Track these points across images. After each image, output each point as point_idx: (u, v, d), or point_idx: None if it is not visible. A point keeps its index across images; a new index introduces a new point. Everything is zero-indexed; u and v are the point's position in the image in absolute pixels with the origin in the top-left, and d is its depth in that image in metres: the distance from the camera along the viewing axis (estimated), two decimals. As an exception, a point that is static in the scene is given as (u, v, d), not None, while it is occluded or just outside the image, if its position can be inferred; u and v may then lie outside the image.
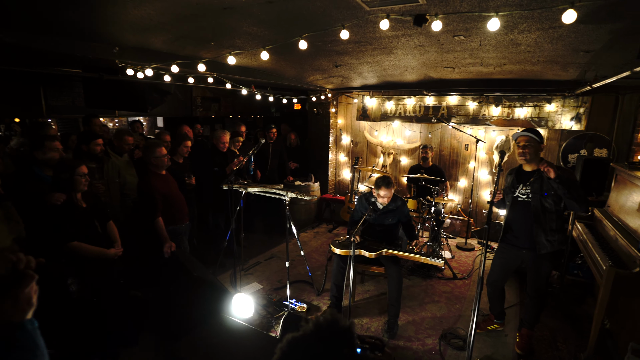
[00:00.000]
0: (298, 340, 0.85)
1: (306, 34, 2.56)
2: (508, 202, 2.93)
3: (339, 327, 0.86)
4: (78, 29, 2.74)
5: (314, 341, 0.84)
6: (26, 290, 0.87)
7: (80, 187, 2.56)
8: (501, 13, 1.91)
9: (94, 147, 3.45)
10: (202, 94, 7.18)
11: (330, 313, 0.90)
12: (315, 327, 0.86)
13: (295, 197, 3.28)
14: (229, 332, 2.57)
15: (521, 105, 5.17)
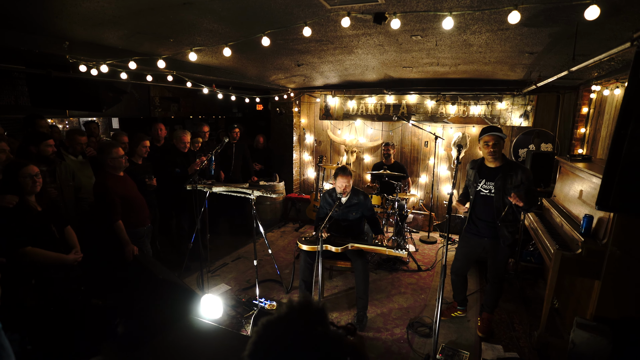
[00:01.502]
0: (272, 322, 0.87)
1: (269, 31, 2.57)
2: (471, 195, 3.09)
3: (312, 308, 0.88)
4: (21, 20, 2.56)
5: (288, 322, 0.86)
6: None
7: (29, 189, 2.39)
8: (454, 13, 2.03)
9: (45, 149, 3.24)
10: (160, 93, 6.92)
11: (303, 295, 0.93)
12: (288, 309, 0.88)
13: (261, 195, 3.26)
14: (198, 333, 2.50)
15: (475, 103, 5.47)
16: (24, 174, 2.34)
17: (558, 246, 2.75)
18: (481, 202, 3.04)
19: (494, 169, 2.98)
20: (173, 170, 4.37)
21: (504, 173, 2.90)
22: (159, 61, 2.93)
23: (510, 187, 2.85)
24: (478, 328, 3.19)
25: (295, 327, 0.84)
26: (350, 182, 3.44)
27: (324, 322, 0.88)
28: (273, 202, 5.93)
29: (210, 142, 5.67)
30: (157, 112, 7.01)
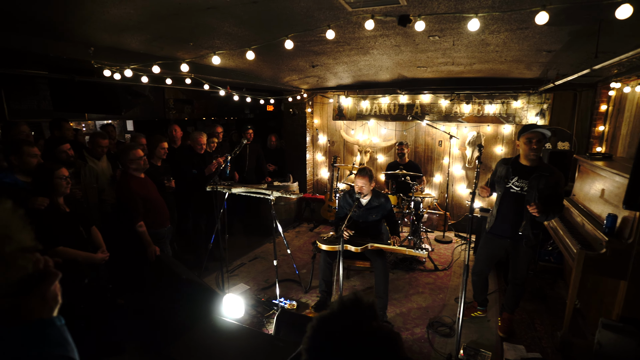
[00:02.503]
0: (326, 317, 0.91)
1: (292, 34, 2.60)
2: (500, 191, 3.07)
3: (363, 304, 0.92)
4: (50, 27, 2.63)
5: (342, 317, 0.89)
6: (52, 287, 0.88)
7: (61, 191, 2.46)
8: (481, 14, 2.03)
9: (59, 154, 3.32)
10: (174, 96, 7.03)
11: (353, 292, 0.96)
12: (340, 306, 0.92)
13: (280, 195, 3.29)
14: (222, 332, 2.55)
15: (490, 102, 5.44)
16: (59, 175, 2.42)
17: (580, 246, 2.73)
18: (509, 200, 2.99)
19: (529, 167, 2.93)
20: (190, 172, 4.43)
21: (540, 173, 2.85)
22: (182, 65, 2.98)
23: (544, 188, 2.81)
24: (499, 328, 3.18)
25: (350, 322, 0.88)
26: (367, 183, 3.45)
27: (377, 317, 0.92)
28: (287, 202, 5.97)
29: (223, 143, 5.73)
30: (171, 114, 7.11)
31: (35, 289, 0.86)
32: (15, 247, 0.77)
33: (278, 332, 2.59)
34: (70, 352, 0.89)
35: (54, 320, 0.87)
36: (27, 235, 0.82)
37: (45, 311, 0.86)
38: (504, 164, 3.12)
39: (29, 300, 0.85)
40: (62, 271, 0.95)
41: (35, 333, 0.84)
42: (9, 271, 0.77)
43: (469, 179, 5.98)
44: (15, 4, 2.21)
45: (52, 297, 0.88)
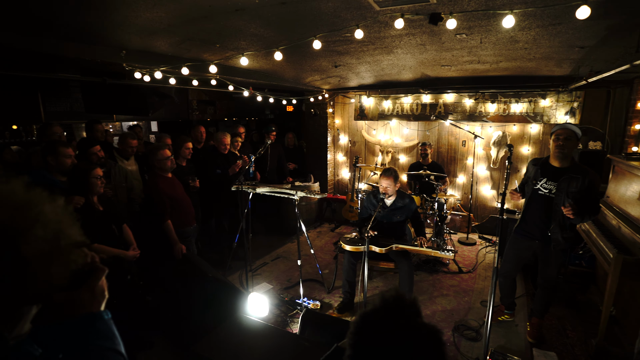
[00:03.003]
0: (369, 314, 0.91)
1: (320, 34, 2.60)
2: (528, 193, 2.98)
3: (405, 300, 0.92)
4: (86, 32, 2.73)
5: (385, 313, 0.90)
6: (99, 282, 0.91)
7: (96, 190, 2.56)
8: (516, 10, 1.98)
9: (90, 155, 3.42)
10: (198, 97, 7.16)
11: (395, 289, 0.96)
12: (383, 302, 0.92)
13: (304, 195, 3.30)
14: (248, 330, 2.57)
15: (517, 101, 5.29)
16: (94, 175, 2.51)
17: (617, 250, 2.62)
18: (538, 202, 2.90)
19: (559, 169, 2.82)
20: (214, 171, 4.50)
21: (570, 175, 2.73)
22: (210, 66, 3.03)
23: (575, 190, 2.69)
24: (528, 333, 3.09)
25: (393, 318, 0.88)
26: (392, 183, 3.42)
27: (420, 314, 0.92)
28: (308, 202, 5.98)
29: (244, 143, 5.80)
30: (194, 115, 7.25)
31: (85, 284, 0.89)
32: (68, 242, 0.80)
33: (303, 331, 2.60)
34: (117, 345, 0.92)
35: (102, 314, 0.90)
36: (76, 230, 0.85)
37: (95, 305, 0.89)
38: (533, 164, 3.03)
39: (80, 294, 0.88)
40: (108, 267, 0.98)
41: (85, 326, 0.87)
42: (64, 265, 0.79)
43: (493, 180, 5.84)
44: (54, 11, 2.30)
45: (100, 292, 0.91)
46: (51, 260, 0.75)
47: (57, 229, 0.77)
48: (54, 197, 0.81)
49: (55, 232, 0.76)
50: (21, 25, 2.53)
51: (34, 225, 0.73)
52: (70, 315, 0.87)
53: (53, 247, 0.76)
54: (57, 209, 0.80)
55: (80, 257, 0.84)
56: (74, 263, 0.82)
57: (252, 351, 2.39)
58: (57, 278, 0.78)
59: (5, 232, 0.69)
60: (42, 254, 0.73)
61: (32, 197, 0.76)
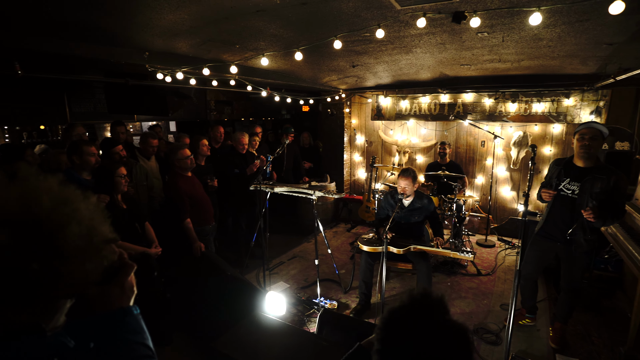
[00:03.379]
0: (397, 310, 0.92)
1: (341, 34, 2.60)
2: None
3: (433, 298, 0.93)
4: (111, 35, 2.80)
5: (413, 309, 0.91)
6: (129, 278, 0.94)
7: (120, 188, 2.62)
8: (543, 7, 1.93)
9: (113, 155, 3.50)
10: (216, 97, 7.25)
11: (422, 287, 0.97)
12: (411, 299, 0.93)
13: (322, 195, 3.31)
14: (266, 328, 2.59)
15: (538, 100, 5.17)
16: (119, 174, 2.58)
17: (647, 254, 2.53)
18: (560, 203, 2.83)
19: (583, 169, 2.73)
20: (232, 171, 4.55)
21: (594, 175, 2.64)
22: (231, 67, 3.07)
23: (599, 191, 2.60)
24: (550, 339, 3.01)
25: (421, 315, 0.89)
26: (410, 183, 3.39)
27: (448, 311, 0.92)
28: (324, 202, 5.99)
29: (261, 142, 5.83)
30: (212, 115, 7.35)
31: (115, 279, 0.91)
32: (100, 239, 0.82)
33: (321, 331, 2.60)
34: (146, 339, 0.94)
35: (132, 309, 0.92)
36: (107, 228, 0.87)
37: (124, 300, 0.92)
38: (556, 165, 2.94)
39: (110, 289, 0.90)
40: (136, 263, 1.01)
41: (116, 320, 0.89)
42: (97, 261, 0.81)
43: (513, 181, 5.72)
44: (83, 15, 2.36)
45: (129, 287, 0.94)
46: (86, 256, 0.77)
47: (91, 226, 0.79)
48: (87, 195, 0.83)
49: (89, 229, 0.78)
50: (51, 30, 2.61)
51: (70, 222, 0.75)
52: (101, 309, 0.89)
53: (87, 244, 0.77)
54: (90, 207, 0.82)
55: (111, 253, 0.86)
56: (105, 259, 0.84)
57: (271, 349, 2.41)
58: (91, 274, 0.80)
59: (45, 228, 0.71)
60: (78, 250, 0.75)
61: (67, 195, 0.78)
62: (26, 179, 0.75)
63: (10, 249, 0.66)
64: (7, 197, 0.70)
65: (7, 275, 0.67)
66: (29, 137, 5.78)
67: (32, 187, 0.74)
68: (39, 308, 0.75)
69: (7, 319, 0.70)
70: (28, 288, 0.70)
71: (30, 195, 0.72)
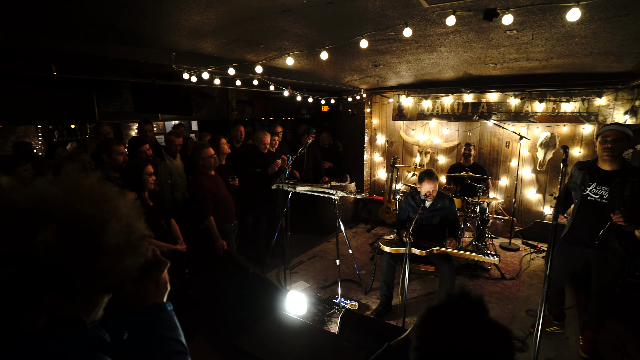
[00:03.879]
0: (436, 308, 0.91)
1: (367, 33, 2.58)
2: (576, 199, 2.81)
3: (471, 296, 0.91)
4: (141, 36, 2.87)
5: (451, 308, 0.91)
6: (162, 274, 0.95)
7: (147, 186, 2.68)
8: (582, 2, 1.86)
9: (140, 154, 3.58)
10: (237, 97, 7.33)
11: (460, 286, 0.96)
12: (448, 297, 0.92)
13: (343, 195, 3.30)
14: (288, 327, 2.60)
15: (568, 100, 4.99)
16: (146, 172, 2.64)
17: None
18: (588, 209, 2.73)
19: (610, 172, 2.64)
20: (254, 170, 4.58)
21: (623, 178, 2.54)
22: (256, 67, 3.10)
23: (630, 195, 2.49)
24: (581, 348, 2.90)
25: (461, 314, 0.87)
26: (436, 187, 3.35)
27: (488, 311, 0.90)
28: (344, 202, 5.97)
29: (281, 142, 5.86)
30: (233, 115, 7.44)
31: (150, 276, 0.93)
32: (137, 235, 0.83)
33: (342, 331, 2.59)
34: (179, 335, 0.95)
35: (166, 305, 0.93)
36: (142, 224, 0.88)
37: (159, 296, 0.93)
38: (579, 169, 2.84)
39: (145, 285, 0.92)
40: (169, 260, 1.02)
41: (151, 317, 0.90)
42: (135, 258, 0.82)
43: (539, 183, 5.55)
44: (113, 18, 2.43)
45: (163, 284, 0.95)
46: (125, 253, 0.78)
47: (129, 223, 0.80)
48: (124, 192, 0.84)
49: (127, 226, 0.79)
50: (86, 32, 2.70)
51: (110, 219, 0.76)
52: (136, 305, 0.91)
53: (126, 241, 0.78)
54: (128, 204, 0.83)
55: (147, 250, 0.87)
56: (142, 256, 0.85)
57: (293, 348, 2.41)
58: (130, 270, 0.81)
59: (88, 225, 0.72)
60: (118, 247, 0.76)
61: (107, 192, 0.79)
62: (69, 176, 0.76)
63: (57, 246, 0.68)
64: (54, 193, 0.71)
65: (54, 270, 0.68)
66: (60, 135, 6.01)
67: (75, 184, 0.75)
68: (81, 302, 0.77)
69: (53, 312, 0.72)
70: (72, 283, 0.71)
71: (75, 192, 0.73)
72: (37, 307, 0.69)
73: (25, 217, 0.66)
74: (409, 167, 5.72)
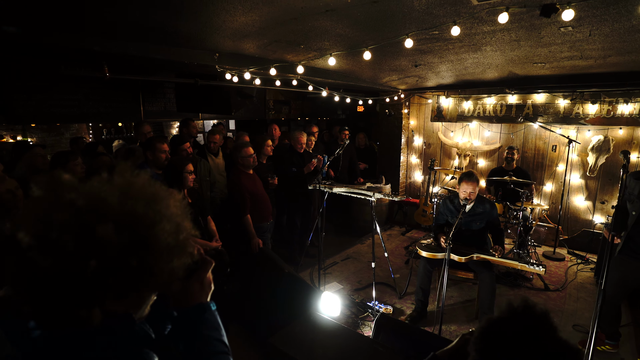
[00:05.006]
0: (499, 321, 0.89)
1: (412, 32, 2.52)
2: (633, 211, 2.61)
3: (536, 311, 0.86)
4: (186, 38, 2.96)
5: (514, 322, 0.87)
6: (207, 274, 0.96)
7: (187, 183, 2.76)
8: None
9: (180, 152, 3.69)
10: (274, 97, 7.43)
11: (524, 299, 0.91)
12: (510, 310, 0.88)
13: (381, 197, 3.25)
14: (322, 328, 2.59)
15: (625, 101, 4.64)
16: (187, 170, 2.73)
17: None
18: None
19: None
20: (290, 169, 4.62)
21: None
22: (298, 67, 3.12)
23: None
24: (637, 369, 2.69)
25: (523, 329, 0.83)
26: (476, 189, 3.22)
27: (557, 329, 0.85)
28: (379, 204, 5.89)
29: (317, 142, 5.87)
30: (270, 115, 7.54)
31: (195, 275, 0.93)
32: (185, 235, 0.82)
33: (377, 335, 2.54)
34: (222, 336, 0.95)
35: (210, 305, 0.94)
36: (189, 224, 0.88)
37: (203, 296, 0.94)
38: (635, 178, 2.63)
39: (191, 285, 0.92)
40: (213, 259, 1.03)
41: (196, 316, 0.91)
42: (183, 257, 0.81)
43: (589, 190, 5.20)
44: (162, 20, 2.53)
45: (208, 284, 0.96)
46: (174, 253, 0.78)
47: (178, 223, 0.80)
48: (173, 192, 0.84)
49: (177, 226, 0.79)
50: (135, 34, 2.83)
51: (162, 219, 0.76)
52: (182, 304, 0.92)
53: (176, 241, 0.78)
54: (177, 203, 0.83)
55: (194, 249, 0.87)
56: (190, 255, 0.84)
57: (326, 350, 2.40)
58: (178, 270, 0.81)
59: (141, 224, 0.72)
60: (168, 247, 0.76)
61: (158, 191, 0.79)
62: (123, 175, 0.77)
63: (114, 245, 0.68)
64: (109, 193, 0.72)
65: (110, 269, 0.69)
66: (108, 133, 6.37)
67: (128, 184, 0.75)
68: (131, 300, 0.78)
69: (106, 309, 0.73)
70: (125, 282, 0.72)
71: (128, 192, 0.74)
72: (92, 303, 0.70)
73: (82, 217, 0.67)
74: (447, 170, 5.55)
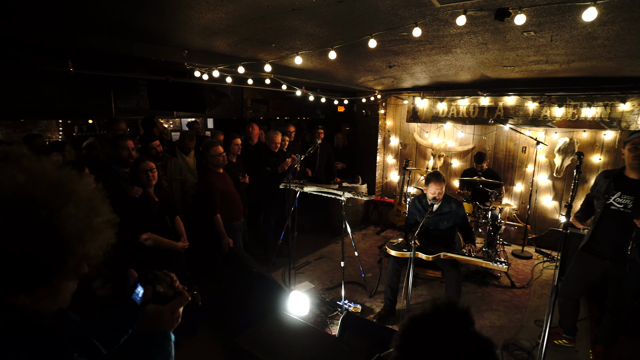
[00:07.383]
0: (419, 318, 0.89)
1: (376, 33, 2.55)
2: (598, 208, 2.71)
3: (458, 308, 0.88)
4: (154, 34, 2.91)
5: (436, 319, 0.88)
6: (180, 307, 1.00)
7: (145, 181, 2.70)
8: (599, 1, 1.77)
9: (150, 150, 3.62)
10: (252, 96, 7.37)
11: (447, 297, 0.92)
12: (434, 308, 0.89)
13: (351, 197, 3.27)
14: (288, 328, 2.59)
15: (589, 105, 4.82)
16: (141, 168, 2.67)
17: None
18: (611, 219, 2.63)
19: (637, 181, 2.54)
20: (264, 169, 4.60)
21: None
22: (265, 65, 3.10)
23: None
24: (591, 362, 2.79)
25: (445, 325, 0.85)
26: (443, 189, 3.28)
27: (473, 323, 0.87)
28: (355, 204, 5.93)
29: (295, 142, 5.87)
30: (248, 114, 7.49)
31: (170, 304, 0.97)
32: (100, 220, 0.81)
33: (342, 334, 2.57)
34: None
35: (171, 335, 0.97)
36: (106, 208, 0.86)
37: (169, 325, 0.97)
38: (605, 177, 2.74)
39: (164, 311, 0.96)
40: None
41: (157, 340, 0.93)
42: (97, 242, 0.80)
43: (556, 190, 5.38)
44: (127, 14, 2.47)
45: (177, 316, 0.99)
46: (87, 237, 0.77)
47: (89, 208, 0.79)
48: (83, 176, 0.82)
49: (88, 211, 0.78)
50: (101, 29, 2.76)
51: (67, 203, 0.74)
52: (148, 326, 0.94)
53: (88, 225, 0.77)
54: (88, 188, 0.81)
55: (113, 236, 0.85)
56: (107, 242, 0.83)
57: (291, 349, 2.40)
58: (96, 254, 0.80)
59: (42, 209, 0.70)
60: (78, 232, 0.75)
61: (62, 176, 0.77)
62: (18, 160, 0.74)
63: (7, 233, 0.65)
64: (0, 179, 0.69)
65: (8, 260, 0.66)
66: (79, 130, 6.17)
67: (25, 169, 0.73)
68: (43, 293, 0.75)
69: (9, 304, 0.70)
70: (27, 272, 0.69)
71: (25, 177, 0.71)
72: None
73: None
74: (420, 170, 5.64)
